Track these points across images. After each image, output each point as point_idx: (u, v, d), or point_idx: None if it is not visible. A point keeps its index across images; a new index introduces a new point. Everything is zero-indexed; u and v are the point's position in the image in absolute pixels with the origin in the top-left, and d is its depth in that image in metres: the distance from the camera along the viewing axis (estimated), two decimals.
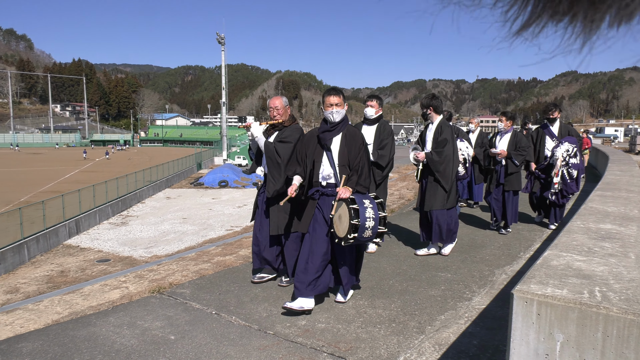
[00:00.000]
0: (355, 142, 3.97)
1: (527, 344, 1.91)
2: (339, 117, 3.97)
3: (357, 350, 3.23)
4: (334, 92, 3.99)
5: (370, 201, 3.75)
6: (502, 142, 6.90)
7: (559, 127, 7.08)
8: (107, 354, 3.22)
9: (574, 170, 6.53)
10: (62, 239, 19.77)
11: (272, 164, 4.32)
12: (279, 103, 4.52)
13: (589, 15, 0.46)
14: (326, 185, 3.99)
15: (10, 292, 13.55)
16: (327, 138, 3.98)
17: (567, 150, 6.54)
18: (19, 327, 9.92)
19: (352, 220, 3.58)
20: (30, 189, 27.76)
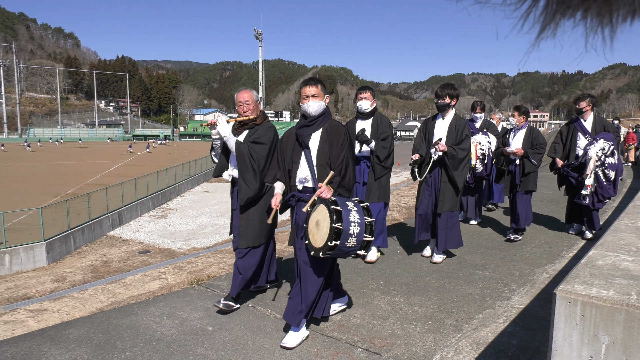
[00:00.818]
0: (337, 137, 3.42)
1: (570, 345, 1.85)
2: (318, 110, 3.42)
3: (393, 347, 3.21)
4: (310, 82, 3.48)
5: (354, 204, 3.19)
6: (516, 140, 6.24)
7: (593, 121, 6.10)
8: (148, 342, 3.32)
9: (610, 171, 5.65)
10: (105, 230, 20.54)
11: (246, 167, 3.80)
12: (249, 97, 3.97)
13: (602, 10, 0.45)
14: (303, 190, 3.44)
15: (57, 280, 14.20)
16: (305, 134, 3.46)
17: (602, 148, 5.65)
18: (66, 314, 10.40)
19: (334, 223, 2.99)
20: (76, 182, 28.94)
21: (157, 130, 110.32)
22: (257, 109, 4.00)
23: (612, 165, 5.68)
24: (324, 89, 3.50)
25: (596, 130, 5.99)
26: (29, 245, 15.88)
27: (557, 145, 6.33)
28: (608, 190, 5.73)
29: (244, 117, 3.95)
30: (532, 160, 6.01)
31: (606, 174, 5.67)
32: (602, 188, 5.70)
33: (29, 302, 11.97)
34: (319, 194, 3.20)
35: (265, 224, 3.83)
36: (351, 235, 3.04)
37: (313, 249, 3.14)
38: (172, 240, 18.71)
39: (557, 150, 6.31)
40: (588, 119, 6.11)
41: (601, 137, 5.75)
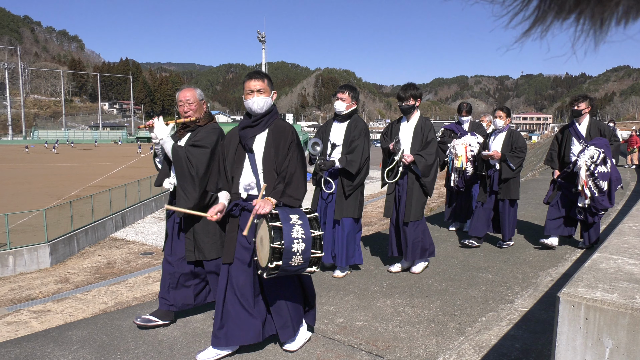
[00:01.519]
0: (283, 139, 3.06)
1: (573, 349, 1.84)
2: (263, 107, 3.06)
3: (395, 350, 3.20)
4: (255, 75, 3.09)
5: (300, 216, 2.83)
6: (496, 143, 5.87)
7: (588, 124, 5.53)
8: (151, 344, 3.32)
9: (602, 181, 5.11)
10: (109, 232, 20.59)
11: (183, 174, 3.41)
12: (190, 95, 3.57)
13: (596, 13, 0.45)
14: (247, 198, 3.08)
15: (60, 281, 14.24)
16: (249, 136, 3.08)
17: (591, 156, 5.11)
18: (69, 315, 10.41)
19: (273, 242, 2.67)
20: (80, 184, 29.03)
21: None
22: (200, 109, 3.61)
23: (604, 174, 5.13)
24: (271, 84, 3.14)
25: (591, 135, 5.48)
26: (33, 246, 15.93)
27: (553, 152, 5.85)
28: (601, 202, 5.21)
29: (185, 118, 3.57)
30: (510, 164, 5.63)
31: (597, 185, 5.14)
32: (594, 200, 5.21)
33: (33, 303, 12.02)
34: (257, 211, 2.82)
35: (216, 238, 3.52)
36: (295, 254, 2.72)
37: (259, 267, 2.86)
38: None
39: (553, 159, 5.82)
40: (583, 123, 5.58)
41: (592, 143, 5.26)
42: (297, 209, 2.91)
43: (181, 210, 3.22)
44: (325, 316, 3.78)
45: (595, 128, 5.50)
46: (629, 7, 0.45)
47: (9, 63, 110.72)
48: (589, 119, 5.56)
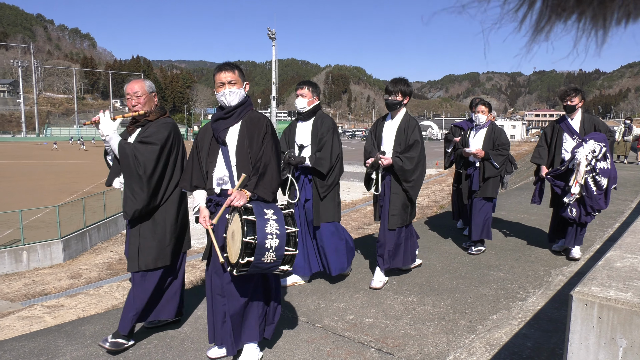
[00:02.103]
0: (257, 130, 2.94)
1: (586, 348, 1.82)
2: (235, 99, 2.94)
3: (405, 347, 3.20)
4: (225, 67, 2.97)
5: (274, 211, 2.71)
6: (476, 139, 5.47)
7: (581, 119, 5.14)
8: (163, 339, 3.35)
9: (602, 177, 4.73)
10: (120, 228, 20.78)
11: (130, 173, 3.14)
12: (139, 88, 3.31)
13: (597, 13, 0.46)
14: (221, 193, 2.96)
15: (73, 277, 14.41)
16: (221, 128, 2.97)
17: (592, 150, 4.68)
18: (81, 310, 10.53)
19: (246, 237, 2.55)
20: (92, 180, 29.32)
21: None
22: (150, 102, 3.34)
23: (605, 170, 4.74)
24: (242, 75, 3.02)
25: (585, 130, 5.09)
26: (46, 242, 16.14)
27: (541, 149, 5.39)
28: (598, 201, 4.79)
29: (133, 112, 3.32)
30: (494, 163, 5.27)
31: (597, 182, 4.73)
32: (591, 198, 4.77)
33: (46, 299, 12.19)
34: (230, 202, 2.73)
35: (164, 243, 3.25)
36: (268, 250, 2.58)
37: (229, 264, 2.73)
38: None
39: (541, 155, 5.36)
40: (576, 117, 5.18)
41: (591, 137, 4.81)
42: (272, 204, 2.80)
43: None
44: (335, 313, 3.78)
45: (589, 123, 5.12)
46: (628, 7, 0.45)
47: (22, 61, 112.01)
48: (582, 113, 5.17)
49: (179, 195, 3.37)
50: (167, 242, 3.26)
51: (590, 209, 4.85)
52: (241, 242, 2.55)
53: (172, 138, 3.30)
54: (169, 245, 3.28)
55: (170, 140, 3.28)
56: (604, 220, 7.10)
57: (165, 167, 3.26)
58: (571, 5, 0.46)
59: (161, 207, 3.28)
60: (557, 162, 5.20)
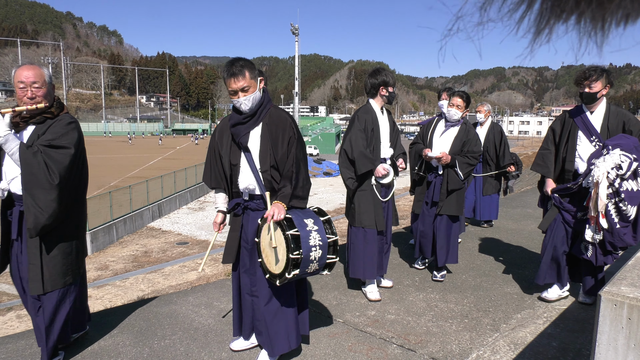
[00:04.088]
0: (282, 133, 2.76)
1: (615, 349, 1.78)
2: (253, 104, 2.73)
3: (428, 344, 3.18)
4: (234, 72, 2.65)
5: (314, 220, 2.68)
6: (443, 140, 4.39)
7: (606, 114, 3.66)
8: (187, 330, 3.41)
9: (629, 205, 3.25)
10: (146, 222, 21.20)
11: (38, 183, 2.62)
12: (37, 76, 2.73)
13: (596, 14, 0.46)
14: (250, 198, 2.86)
15: (100, 269, 14.77)
16: (242, 133, 2.78)
17: (617, 165, 3.23)
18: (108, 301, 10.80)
19: (292, 253, 2.51)
20: (119, 174, 29.95)
21: (195, 125, 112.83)
22: (50, 95, 2.79)
23: (633, 195, 3.24)
24: (254, 73, 2.72)
25: (610, 131, 3.61)
26: None
27: (546, 154, 3.91)
28: (622, 237, 3.35)
29: (29, 105, 2.69)
30: (459, 173, 4.25)
31: (621, 211, 3.28)
32: (612, 233, 3.34)
33: None
34: (272, 219, 2.59)
35: (72, 257, 2.87)
36: (312, 261, 2.61)
37: (267, 272, 2.70)
38: (209, 232, 19.11)
39: (546, 162, 3.89)
40: (597, 111, 3.67)
41: (616, 144, 3.32)
42: (309, 211, 2.76)
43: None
44: (357, 309, 3.78)
45: (617, 120, 3.63)
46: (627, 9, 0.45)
47: (52, 58, 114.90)
48: (607, 105, 3.68)
49: (83, 203, 3.03)
50: (75, 254, 2.91)
51: (611, 246, 3.40)
52: (287, 258, 2.53)
53: (82, 140, 2.90)
54: (76, 258, 2.93)
55: (81, 142, 2.87)
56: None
57: (76, 175, 2.84)
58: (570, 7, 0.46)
59: (70, 218, 2.86)
60: (568, 172, 3.76)
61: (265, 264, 2.70)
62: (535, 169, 3.98)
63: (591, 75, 3.54)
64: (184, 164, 30.61)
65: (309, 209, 2.82)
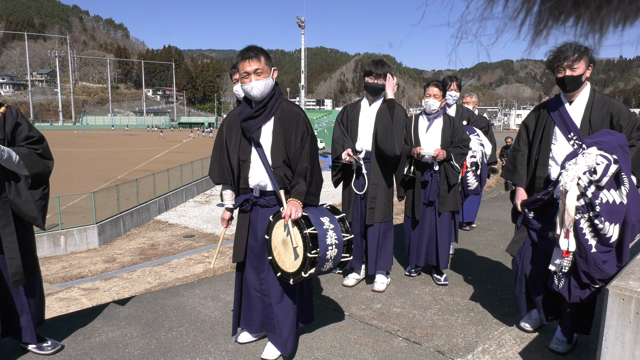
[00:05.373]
0: (295, 128, 2.66)
1: (622, 344, 1.78)
2: (265, 91, 2.61)
3: (433, 337, 3.18)
4: (249, 55, 2.57)
5: (330, 219, 2.64)
6: (431, 135, 4.08)
7: (588, 103, 2.89)
8: (194, 323, 3.44)
9: (608, 222, 2.47)
10: (152, 215, 21.31)
11: (42, 177, 2.88)
12: None
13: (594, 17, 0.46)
14: (260, 195, 2.79)
15: (108, 261, 14.89)
16: (253, 128, 2.66)
17: (590, 169, 2.50)
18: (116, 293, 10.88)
19: (310, 252, 2.47)
20: (126, 168, 30.08)
21: (201, 118, 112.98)
22: None
23: (614, 209, 2.47)
24: (269, 61, 2.63)
25: (592, 125, 2.85)
26: (82, 227, 16.71)
27: (517, 156, 3.18)
28: (600, 265, 2.53)
29: None
30: (455, 165, 4.00)
31: (597, 230, 2.49)
32: (586, 259, 2.55)
33: (82, 281, 12.64)
34: (290, 218, 2.54)
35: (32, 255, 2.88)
36: (328, 260, 2.59)
37: (280, 270, 2.65)
38: (215, 226, 19.19)
39: (517, 167, 3.16)
40: (577, 101, 2.92)
41: (595, 141, 2.64)
42: (323, 209, 2.73)
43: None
44: (362, 302, 3.79)
45: (601, 112, 2.85)
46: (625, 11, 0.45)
47: (59, 51, 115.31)
48: (590, 92, 2.92)
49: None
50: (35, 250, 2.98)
51: (586, 277, 2.59)
52: (304, 256, 2.50)
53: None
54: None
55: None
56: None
57: None
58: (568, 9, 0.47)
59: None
60: (539, 180, 3.03)
61: (277, 262, 2.66)
62: (506, 176, 3.29)
63: (569, 56, 2.77)
64: (190, 157, 30.69)
65: (322, 206, 2.79)
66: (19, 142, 2.78)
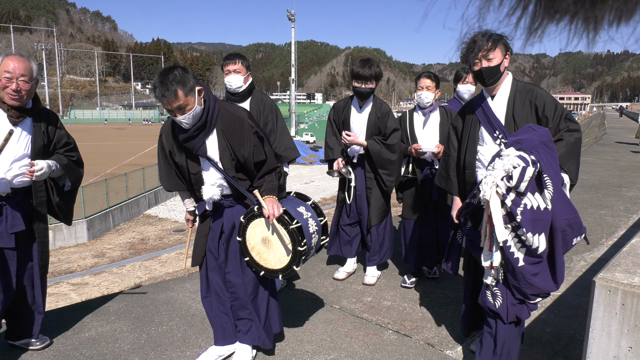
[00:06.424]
0: (240, 134, 2.54)
1: (608, 335, 1.80)
2: (192, 123, 2.43)
3: (423, 330, 3.21)
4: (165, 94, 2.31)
5: (305, 207, 2.65)
6: (429, 130, 3.84)
7: (511, 96, 2.60)
8: (184, 317, 3.43)
9: (531, 232, 2.14)
10: (142, 209, 21.19)
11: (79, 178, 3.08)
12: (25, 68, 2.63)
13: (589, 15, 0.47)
14: (221, 198, 2.67)
15: (97, 256, 14.79)
16: (197, 145, 2.52)
17: (507, 174, 2.16)
18: (105, 288, 10.82)
19: (300, 246, 2.46)
20: (114, 162, 29.84)
21: None
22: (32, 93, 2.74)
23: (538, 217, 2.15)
24: (187, 88, 2.34)
25: (516, 120, 2.56)
26: None
27: (448, 161, 2.90)
28: (529, 280, 2.24)
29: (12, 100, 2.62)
30: None
31: (521, 240, 2.20)
32: (514, 274, 2.27)
33: (72, 276, 12.56)
34: (274, 217, 2.45)
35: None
36: (312, 248, 2.60)
37: (263, 269, 2.59)
38: None
39: (449, 174, 2.88)
40: (500, 94, 2.62)
41: (514, 140, 2.27)
42: (293, 199, 2.72)
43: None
44: (353, 295, 3.81)
45: (523, 103, 2.57)
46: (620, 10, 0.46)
47: (46, 44, 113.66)
48: (512, 83, 2.62)
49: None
50: None
51: (519, 293, 2.32)
52: (295, 251, 2.48)
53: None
54: None
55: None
56: (629, 207, 6.95)
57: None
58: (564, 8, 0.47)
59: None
60: (468, 186, 2.75)
61: (259, 262, 2.59)
62: (439, 183, 3.00)
63: (483, 46, 2.47)
64: None
65: (290, 195, 2.77)
66: (58, 149, 2.92)
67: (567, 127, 2.49)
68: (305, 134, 52.72)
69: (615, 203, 7.24)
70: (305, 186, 25.35)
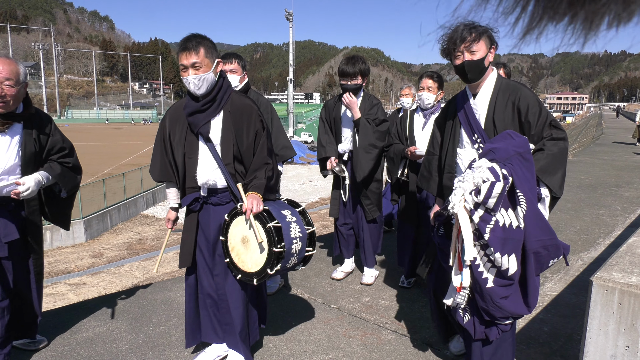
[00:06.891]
0: (246, 124, 2.51)
1: (605, 334, 1.81)
2: (205, 86, 2.43)
3: (421, 330, 3.21)
4: (187, 46, 2.39)
5: (291, 212, 2.50)
6: (427, 132, 3.61)
7: (493, 95, 2.36)
8: (182, 317, 3.42)
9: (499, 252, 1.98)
10: (140, 209, 21.16)
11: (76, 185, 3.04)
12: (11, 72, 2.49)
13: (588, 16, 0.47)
14: (209, 193, 2.59)
15: (95, 256, 14.77)
16: (201, 122, 2.49)
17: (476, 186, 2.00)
18: (103, 288, 10.81)
19: (276, 246, 2.32)
20: (112, 162, 29.80)
21: None
22: (19, 98, 2.61)
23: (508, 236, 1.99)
24: (211, 53, 2.43)
25: (496, 124, 2.34)
26: None
27: (432, 160, 2.71)
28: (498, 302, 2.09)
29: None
30: None
31: (491, 260, 2.04)
32: (482, 295, 2.11)
33: (69, 277, 12.53)
34: (252, 212, 2.35)
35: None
36: (293, 255, 2.42)
37: (240, 272, 2.48)
38: None
39: (432, 173, 2.70)
40: (482, 92, 2.40)
41: (489, 149, 2.10)
42: (282, 203, 2.59)
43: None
44: (351, 295, 3.81)
45: (506, 104, 2.33)
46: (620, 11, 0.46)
47: (43, 44, 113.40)
48: (497, 81, 2.39)
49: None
50: None
51: (487, 315, 2.16)
52: (269, 251, 2.34)
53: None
54: None
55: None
56: (626, 206, 6.97)
57: None
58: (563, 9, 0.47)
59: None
60: (447, 191, 2.52)
61: (237, 264, 2.49)
62: (421, 184, 2.82)
63: (465, 37, 2.22)
64: None
65: (280, 200, 2.66)
66: (52, 155, 2.84)
67: (551, 135, 2.25)
68: (303, 133, 52.73)
69: (612, 203, 7.26)
70: (303, 186, 25.36)
